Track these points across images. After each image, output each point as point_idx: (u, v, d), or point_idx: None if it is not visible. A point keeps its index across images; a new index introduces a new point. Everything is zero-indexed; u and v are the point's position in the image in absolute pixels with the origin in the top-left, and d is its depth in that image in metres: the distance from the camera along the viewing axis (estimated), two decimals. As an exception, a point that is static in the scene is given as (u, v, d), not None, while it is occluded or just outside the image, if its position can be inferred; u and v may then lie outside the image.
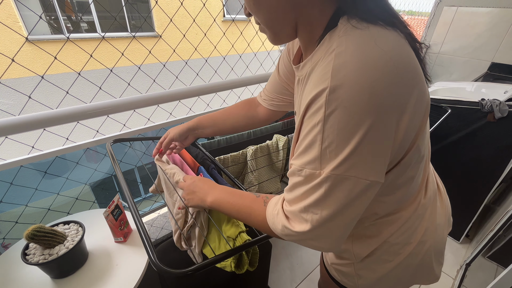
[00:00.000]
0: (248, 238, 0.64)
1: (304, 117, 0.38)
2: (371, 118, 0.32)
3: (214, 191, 0.58)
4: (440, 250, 0.56)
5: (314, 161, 0.36)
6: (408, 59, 0.35)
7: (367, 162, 0.34)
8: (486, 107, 1.30)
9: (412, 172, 0.44)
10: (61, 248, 0.77)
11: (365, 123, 0.32)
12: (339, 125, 0.33)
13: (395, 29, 0.35)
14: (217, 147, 1.12)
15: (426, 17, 2.41)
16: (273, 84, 0.71)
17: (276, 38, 0.44)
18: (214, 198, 0.56)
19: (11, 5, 3.09)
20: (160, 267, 0.50)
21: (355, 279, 0.57)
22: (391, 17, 0.36)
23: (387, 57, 0.32)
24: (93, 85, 1.08)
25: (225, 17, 5.14)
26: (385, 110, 0.32)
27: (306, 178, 0.38)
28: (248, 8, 0.42)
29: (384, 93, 0.32)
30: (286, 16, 0.40)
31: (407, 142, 0.38)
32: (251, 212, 0.50)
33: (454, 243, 1.67)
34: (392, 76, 0.32)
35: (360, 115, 0.32)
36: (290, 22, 0.41)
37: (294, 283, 1.42)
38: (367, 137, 0.33)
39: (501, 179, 1.36)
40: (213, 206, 0.57)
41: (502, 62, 1.95)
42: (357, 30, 0.34)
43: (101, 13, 3.84)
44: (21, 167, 0.93)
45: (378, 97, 0.31)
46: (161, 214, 1.39)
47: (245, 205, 0.52)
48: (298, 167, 0.38)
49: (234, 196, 0.54)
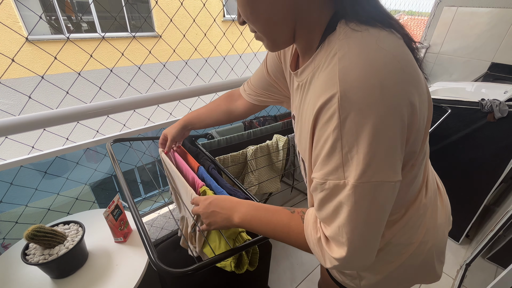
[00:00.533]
0: (248, 238, 0.64)
1: (315, 127, 0.37)
2: (386, 116, 0.32)
3: (240, 208, 0.52)
4: (442, 249, 0.56)
5: (336, 170, 0.35)
6: (408, 57, 0.35)
7: (388, 162, 0.34)
8: (486, 107, 1.30)
9: (415, 171, 0.44)
10: (61, 248, 0.77)
11: (382, 122, 0.32)
12: (357, 128, 0.32)
13: (392, 30, 0.36)
14: (217, 147, 1.12)
15: (426, 17, 2.41)
16: (260, 80, 0.70)
17: (274, 46, 0.44)
18: (243, 217, 0.51)
19: (11, 5, 3.09)
20: (160, 267, 0.50)
21: (357, 280, 0.57)
22: (388, 19, 0.37)
23: (391, 55, 0.33)
24: (93, 85, 1.08)
25: (225, 17, 5.14)
26: (398, 107, 0.32)
27: (331, 191, 0.36)
28: (245, 17, 0.40)
29: (395, 90, 0.32)
30: (284, 24, 0.40)
31: (419, 141, 0.38)
32: (290, 232, 0.46)
33: (454, 244, 1.67)
34: (399, 73, 0.32)
35: (375, 115, 0.31)
36: (288, 30, 0.41)
37: (294, 283, 1.42)
38: (386, 136, 0.32)
39: (501, 179, 1.36)
40: (242, 225, 0.52)
41: (502, 62, 1.95)
42: (358, 33, 0.34)
43: (101, 13, 3.84)
44: (21, 167, 0.93)
45: (389, 95, 0.31)
46: (161, 214, 1.39)
47: (281, 223, 0.47)
48: (321, 180, 0.37)
49: (267, 212, 0.50)
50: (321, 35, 0.39)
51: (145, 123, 1.15)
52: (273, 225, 0.48)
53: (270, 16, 0.38)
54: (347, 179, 0.34)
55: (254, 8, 0.38)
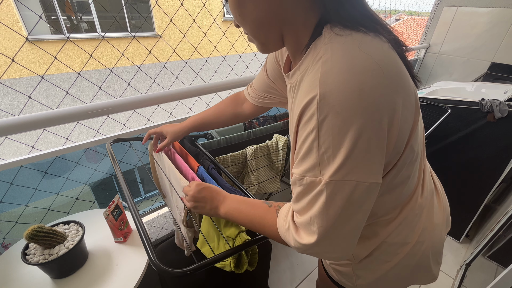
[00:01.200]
0: (247, 238, 0.64)
1: (298, 126, 0.38)
2: (363, 120, 0.32)
3: (226, 200, 0.57)
4: (438, 250, 0.56)
5: (313, 168, 0.36)
6: (392, 61, 0.35)
7: (364, 164, 0.35)
8: (486, 107, 1.30)
9: (408, 172, 0.44)
10: (61, 248, 0.77)
11: (358, 125, 0.32)
12: (333, 130, 0.33)
13: (377, 34, 0.36)
14: (217, 147, 1.12)
15: (426, 17, 2.41)
16: (261, 83, 0.72)
17: (263, 48, 0.46)
18: (227, 209, 0.56)
19: (11, 5, 3.09)
20: (160, 267, 0.50)
21: (354, 279, 0.57)
22: (373, 23, 0.37)
23: (371, 60, 0.33)
24: (93, 85, 1.08)
25: (225, 17, 5.14)
26: (376, 111, 0.33)
27: (308, 187, 0.38)
28: (235, 20, 0.43)
29: (373, 94, 0.32)
30: (271, 28, 0.41)
31: (402, 143, 0.39)
32: (265, 224, 0.49)
33: (454, 243, 1.67)
34: (379, 78, 0.33)
35: (352, 118, 0.32)
36: (275, 33, 0.42)
37: (294, 283, 1.42)
38: (362, 139, 0.33)
39: (501, 179, 1.36)
40: (226, 217, 0.56)
41: (502, 62, 1.95)
42: (341, 37, 0.35)
43: (101, 13, 3.84)
44: (21, 167, 0.93)
45: (367, 99, 0.32)
46: (161, 214, 1.39)
47: (258, 215, 0.51)
48: (299, 176, 0.39)
49: (247, 205, 0.54)
50: (309, 39, 0.39)
51: (145, 123, 1.15)
52: (251, 217, 0.52)
53: (255, 19, 0.40)
54: (322, 176, 0.36)
55: (242, 11, 0.40)
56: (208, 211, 0.58)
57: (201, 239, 0.79)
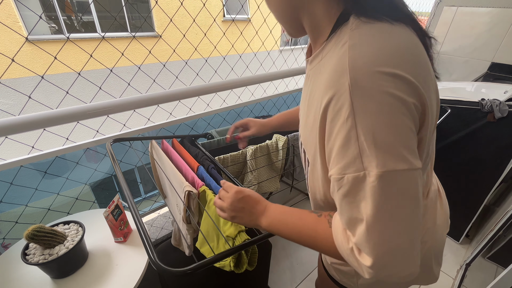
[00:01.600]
0: (247, 238, 0.64)
1: (325, 118, 0.35)
2: (400, 101, 0.31)
3: (267, 211, 0.51)
4: (440, 250, 0.56)
5: (354, 161, 0.32)
6: (421, 50, 0.36)
7: (410, 146, 0.32)
8: (486, 107, 1.30)
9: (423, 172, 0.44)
10: (61, 248, 0.77)
11: (397, 106, 0.31)
12: (371, 113, 0.31)
13: (404, 25, 0.36)
14: (217, 146, 1.13)
15: (426, 17, 2.40)
16: None
17: (288, 33, 0.48)
18: (270, 220, 0.49)
19: (11, 5, 3.09)
20: (160, 266, 0.50)
21: (355, 279, 0.57)
22: (398, 13, 0.36)
23: (403, 45, 0.33)
24: (93, 85, 1.08)
25: (225, 17, 5.14)
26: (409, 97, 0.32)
27: (351, 186, 0.33)
28: None
29: (406, 80, 0.32)
30: (289, 16, 0.44)
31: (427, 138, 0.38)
32: (316, 237, 0.43)
33: (454, 243, 1.67)
34: (411, 61, 0.33)
35: (389, 99, 0.31)
36: (294, 21, 0.44)
37: (294, 283, 1.42)
38: (402, 122, 0.31)
39: (501, 179, 1.36)
40: (269, 229, 0.50)
41: (502, 62, 1.95)
42: (368, 24, 0.35)
43: (101, 13, 3.84)
44: (21, 167, 0.93)
45: (400, 84, 0.31)
46: (161, 214, 1.39)
47: (307, 227, 0.44)
48: (338, 175, 0.34)
49: (293, 216, 0.47)
50: (332, 26, 0.39)
51: (145, 123, 1.15)
52: (299, 230, 0.45)
53: (275, 7, 0.44)
54: (367, 169, 0.31)
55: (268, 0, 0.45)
56: (247, 223, 0.53)
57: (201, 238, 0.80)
